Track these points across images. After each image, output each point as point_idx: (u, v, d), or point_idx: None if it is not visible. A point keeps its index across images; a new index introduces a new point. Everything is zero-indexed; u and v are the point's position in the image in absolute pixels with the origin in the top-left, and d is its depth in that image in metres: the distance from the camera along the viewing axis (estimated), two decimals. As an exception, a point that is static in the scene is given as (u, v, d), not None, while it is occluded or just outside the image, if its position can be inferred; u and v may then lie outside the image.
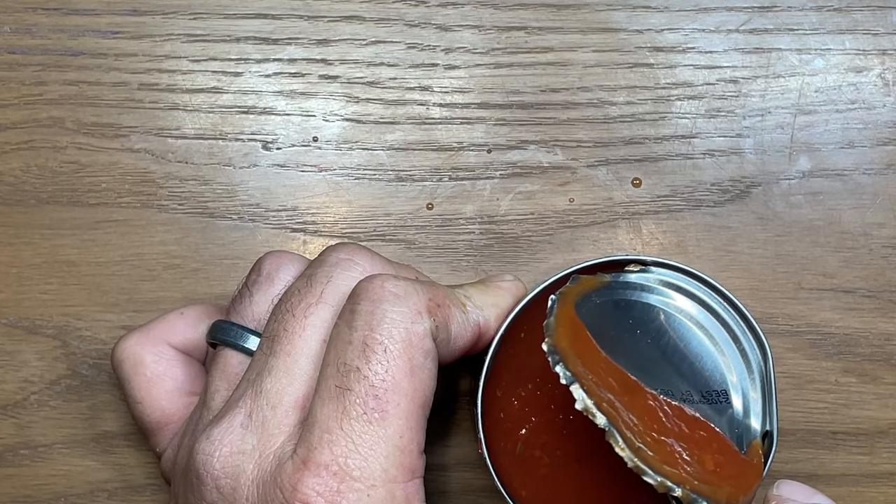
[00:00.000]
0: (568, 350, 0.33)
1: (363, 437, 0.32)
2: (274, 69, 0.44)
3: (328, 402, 0.32)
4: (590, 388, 0.32)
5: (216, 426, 0.34)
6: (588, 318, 0.34)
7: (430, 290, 0.34)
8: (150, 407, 0.38)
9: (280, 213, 0.44)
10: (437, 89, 0.44)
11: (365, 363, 0.32)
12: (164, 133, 0.44)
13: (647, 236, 0.44)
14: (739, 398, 0.35)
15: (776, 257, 0.43)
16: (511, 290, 0.38)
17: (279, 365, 0.34)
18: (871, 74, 0.44)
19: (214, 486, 0.33)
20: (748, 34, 0.45)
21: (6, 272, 0.43)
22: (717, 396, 0.35)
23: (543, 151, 0.44)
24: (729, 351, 0.35)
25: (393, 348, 0.33)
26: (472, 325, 0.36)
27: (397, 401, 0.32)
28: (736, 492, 0.33)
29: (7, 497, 0.42)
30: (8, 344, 0.43)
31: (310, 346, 0.34)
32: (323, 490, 0.31)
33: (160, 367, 0.38)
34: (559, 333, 0.33)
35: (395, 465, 0.32)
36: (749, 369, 0.35)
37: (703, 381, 0.35)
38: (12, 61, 0.44)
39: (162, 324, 0.39)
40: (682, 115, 0.44)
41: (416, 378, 0.33)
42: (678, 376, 0.35)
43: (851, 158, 0.44)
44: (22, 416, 0.43)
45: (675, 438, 0.33)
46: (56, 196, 0.44)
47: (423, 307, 0.33)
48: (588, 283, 0.35)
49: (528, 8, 0.45)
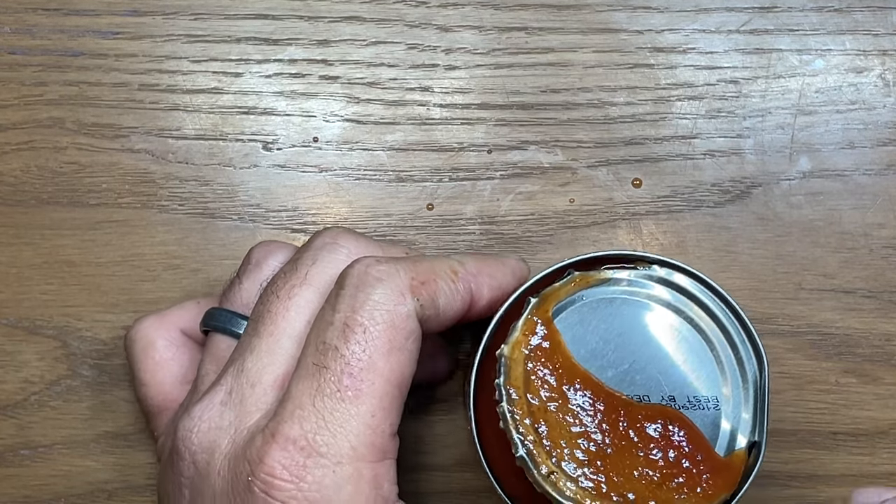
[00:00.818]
0: (518, 360, 0.33)
1: (334, 415, 0.32)
2: (274, 70, 0.44)
3: (304, 378, 0.33)
4: (522, 409, 0.33)
5: (198, 403, 0.34)
6: (573, 317, 0.34)
7: (413, 268, 0.34)
8: (155, 390, 0.38)
9: (280, 214, 0.44)
10: (437, 90, 0.44)
11: (343, 343, 0.32)
12: (164, 133, 0.44)
13: (647, 237, 0.44)
14: (730, 407, 0.34)
15: (776, 258, 0.43)
16: (511, 266, 0.38)
17: (261, 345, 0.34)
18: (871, 75, 0.44)
19: (191, 460, 0.33)
20: (748, 35, 0.45)
21: (6, 272, 0.43)
22: (706, 403, 0.34)
23: (544, 152, 0.44)
24: (725, 358, 0.35)
25: (373, 329, 0.33)
26: (463, 294, 0.35)
27: (372, 380, 0.32)
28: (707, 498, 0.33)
29: (7, 497, 0.42)
30: (8, 344, 0.43)
31: (293, 326, 0.34)
32: (289, 464, 0.32)
33: (169, 352, 0.39)
34: (517, 341, 0.34)
35: (364, 443, 0.32)
36: (744, 379, 0.34)
37: (694, 385, 0.34)
38: (12, 61, 0.44)
39: (178, 311, 0.40)
40: (682, 115, 0.44)
41: (394, 359, 0.33)
42: (666, 380, 0.34)
43: (852, 159, 0.44)
44: (22, 417, 0.43)
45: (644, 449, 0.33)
46: (56, 196, 0.44)
47: (406, 288, 0.34)
48: (582, 280, 0.35)
49: (528, 8, 0.45)
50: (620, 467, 0.33)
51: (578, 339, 0.34)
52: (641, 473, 0.33)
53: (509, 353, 0.33)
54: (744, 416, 0.34)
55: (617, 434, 0.33)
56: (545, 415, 0.33)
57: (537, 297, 0.34)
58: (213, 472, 0.33)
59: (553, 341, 0.34)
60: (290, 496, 0.31)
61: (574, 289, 0.35)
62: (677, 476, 0.33)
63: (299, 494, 0.31)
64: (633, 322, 0.35)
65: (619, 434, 0.33)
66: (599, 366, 0.34)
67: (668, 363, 0.34)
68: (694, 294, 0.35)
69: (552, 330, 0.34)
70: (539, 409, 0.33)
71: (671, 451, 0.33)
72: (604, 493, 0.32)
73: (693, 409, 0.34)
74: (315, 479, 0.32)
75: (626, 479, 0.33)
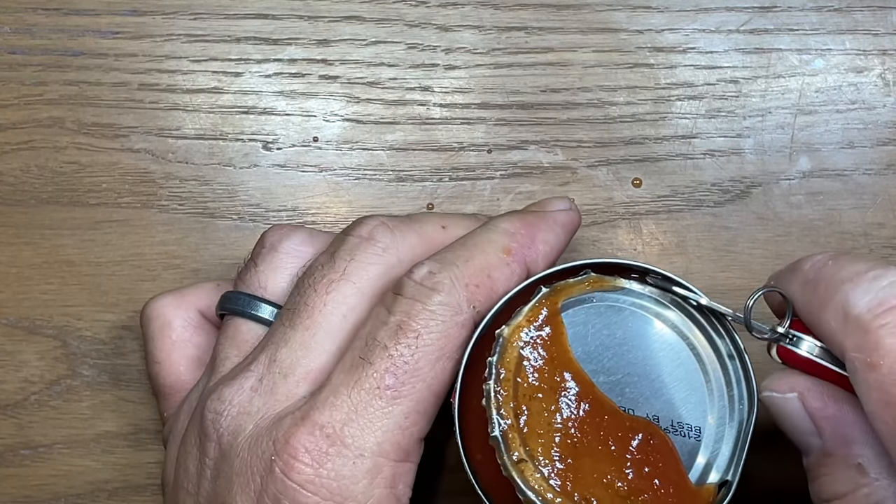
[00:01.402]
0: (516, 343, 0.33)
1: (367, 409, 0.32)
2: (274, 69, 0.44)
3: (346, 369, 0.33)
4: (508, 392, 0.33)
5: (227, 387, 0.34)
6: (579, 316, 0.34)
7: (467, 270, 0.34)
8: (168, 370, 0.39)
9: (280, 214, 0.44)
10: (437, 89, 0.44)
11: (394, 343, 0.33)
12: (164, 133, 0.44)
13: (647, 236, 0.44)
14: (711, 440, 0.34)
15: (776, 257, 0.43)
16: (561, 223, 0.37)
17: (297, 337, 0.34)
18: (871, 75, 0.44)
19: (218, 442, 0.34)
20: (748, 34, 0.45)
21: (6, 272, 0.43)
22: (688, 430, 0.34)
23: (544, 151, 0.44)
24: (717, 392, 0.35)
25: (427, 337, 0.33)
26: (520, 273, 0.35)
27: (413, 384, 0.33)
28: None
29: (7, 497, 0.42)
30: (8, 344, 0.43)
31: (329, 321, 0.35)
32: (312, 448, 0.32)
33: (186, 333, 0.39)
34: (519, 324, 0.33)
35: (389, 441, 0.33)
36: (731, 417, 0.34)
37: (681, 410, 0.34)
38: (12, 61, 0.44)
39: (197, 291, 0.39)
40: (682, 115, 0.44)
41: (440, 367, 0.33)
42: (655, 399, 0.34)
43: (851, 158, 0.44)
44: (22, 416, 0.43)
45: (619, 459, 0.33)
46: (56, 196, 0.44)
47: (462, 298, 0.34)
48: (596, 282, 0.35)
49: (528, 8, 0.45)
50: (591, 471, 0.33)
51: (580, 337, 0.34)
52: (610, 482, 0.33)
53: (508, 335, 0.33)
54: (723, 451, 0.34)
55: (596, 438, 0.33)
56: (529, 402, 0.33)
57: (549, 288, 0.34)
58: (233, 455, 0.33)
59: (555, 332, 0.34)
60: (307, 480, 0.32)
61: (587, 289, 0.35)
62: (645, 493, 0.33)
63: (317, 480, 0.32)
64: (636, 335, 0.35)
65: (598, 438, 0.33)
66: (593, 369, 0.34)
67: (660, 383, 0.34)
68: (702, 323, 0.35)
69: (557, 322, 0.34)
70: (524, 396, 0.33)
71: (645, 467, 0.33)
72: (568, 491, 0.32)
73: (674, 433, 0.34)
74: (334, 466, 0.32)
75: (594, 484, 0.33)
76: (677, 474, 0.33)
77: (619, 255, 0.43)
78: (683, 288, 0.35)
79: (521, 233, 0.36)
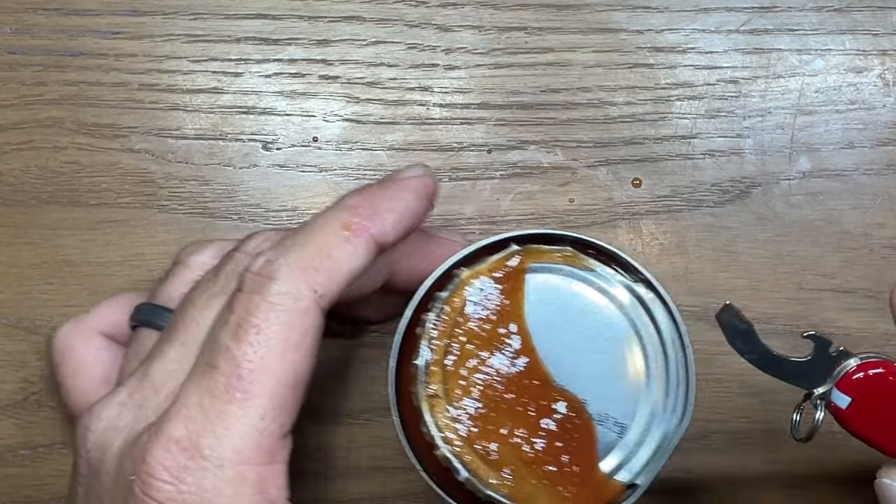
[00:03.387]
0: (470, 286, 0.33)
1: (221, 416, 0.31)
2: (274, 69, 0.44)
3: (195, 378, 0.32)
4: (445, 327, 0.33)
5: (98, 402, 0.34)
6: (543, 283, 0.34)
7: (304, 254, 0.33)
8: (75, 393, 0.38)
9: (280, 214, 0.44)
10: (437, 90, 0.44)
11: (236, 343, 0.31)
12: (164, 133, 0.44)
13: (647, 236, 0.44)
14: (631, 442, 0.34)
15: (776, 257, 0.43)
16: (409, 187, 0.35)
17: (170, 351, 0.33)
18: (871, 75, 0.44)
19: (86, 458, 0.33)
20: (748, 34, 0.45)
21: (6, 272, 0.43)
22: (612, 424, 0.34)
23: (543, 152, 0.44)
24: (654, 397, 0.34)
25: (269, 331, 0.32)
26: (365, 247, 0.33)
27: (263, 381, 0.31)
28: (561, 500, 0.33)
29: (7, 497, 0.42)
30: (8, 344, 0.43)
31: (206, 334, 0.33)
32: (170, 464, 0.31)
33: (88, 355, 0.38)
34: (479, 270, 0.34)
35: (249, 446, 0.31)
36: (658, 424, 0.34)
37: (611, 403, 0.34)
38: (12, 61, 0.44)
39: (96, 312, 0.39)
40: (682, 115, 0.44)
41: (289, 359, 0.32)
42: (590, 383, 0.34)
43: (851, 159, 0.44)
44: (22, 416, 0.43)
45: (535, 425, 0.33)
46: (56, 196, 0.44)
47: (301, 281, 0.32)
48: (570, 258, 0.35)
49: (528, 8, 0.45)
50: (502, 426, 0.33)
51: (537, 302, 0.34)
52: (518, 445, 0.33)
53: (465, 277, 0.33)
54: (640, 455, 0.34)
55: (519, 398, 0.33)
56: (463, 345, 0.33)
57: (522, 248, 0.34)
58: (102, 472, 0.32)
59: (513, 288, 0.34)
60: (168, 497, 0.31)
61: (559, 260, 0.35)
62: (550, 465, 0.33)
63: (178, 497, 0.31)
64: (592, 318, 0.35)
65: (520, 399, 0.33)
66: (540, 335, 0.34)
67: (601, 370, 0.34)
68: (660, 328, 0.35)
69: (519, 279, 0.34)
70: (460, 337, 0.33)
71: (559, 441, 0.33)
72: (471, 438, 0.32)
73: (599, 422, 0.34)
74: (195, 480, 0.31)
75: (500, 441, 0.33)
76: (589, 459, 0.33)
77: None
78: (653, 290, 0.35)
79: (363, 205, 0.34)
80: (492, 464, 0.33)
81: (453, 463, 0.32)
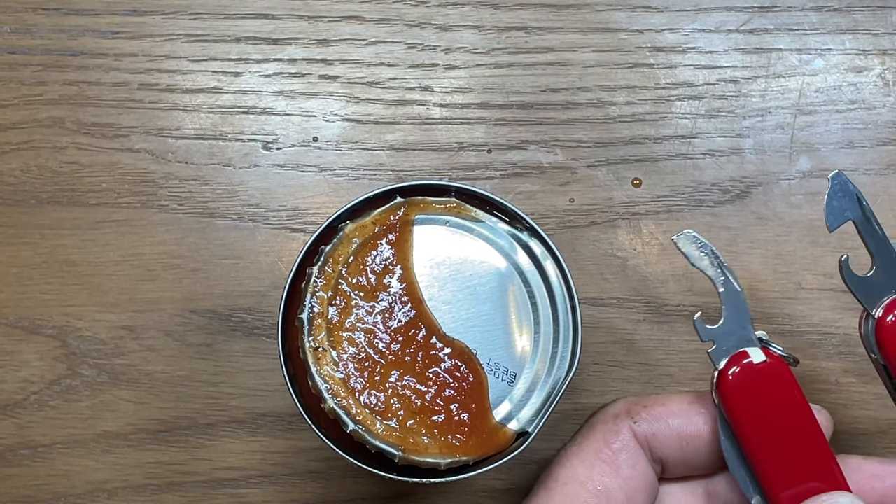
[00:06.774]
0: (353, 240, 0.33)
1: None
2: (274, 69, 0.44)
3: None
4: (329, 280, 0.33)
5: None
6: (430, 234, 0.34)
7: None
8: None
9: (280, 213, 0.44)
10: (437, 89, 0.44)
11: None
12: (164, 133, 0.44)
13: (646, 236, 0.44)
14: (522, 391, 0.34)
15: (776, 257, 0.43)
16: None
17: None
18: (871, 74, 0.44)
19: None
20: (748, 34, 0.45)
21: (6, 272, 0.43)
22: (503, 373, 0.34)
23: (543, 151, 0.44)
24: (543, 346, 0.34)
25: None
26: None
27: None
28: (451, 449, 0.33)
29: (7, 497, 0.42)
30: (8, 344, 0.43)
31: None
32: None
33: None
34: (364, 224, 0.34)
35: None
36: (548, 374, 0.34)
37: (501, 352, 0.34)
38: (12, 61, 0.44)
39: None
40: (682, 115, 0.44)
41: None
42: (480, 333, 0.34)
43: (851, 158, 0.44)
44: (22, 416, 0.43)
45: (422, 374, 0.33)
46: (56, 196, 0.44)
47: None
48: (456, 208, 0.35)
49: (528, 8, 0.45)
50: (388, 377, 0.33)
51: (424, 253, 0.34)
52: (405, 395, 0.33)
53: (349, 231, 0.33)
54: (531, 403, 0.34)
55: (405, 349, 0.33)
56: (347, 297, 0.33)
57: (406, 200, 0.34)
58: None
59: (400, 240, 0.34)
60: None
61: (443, 211, 0.35)
62: (438, 414, 0.33)
63: None
64: (480, 268, 0.34)
65: (406, 350, 0.33)
66: (428, 286, 0.34)
67: (491, 320, 0.34)
68: (548, 276, 0.35)
69: (406, 231, 0.34)
70: (344, 290, 0.33)
71: (448, 390, 0.33)
72: (357, 390, 0.32)
73: (490, 371, 0.34)
74: None
75: (386, 392, 0.33)
76: (480, 408, 0.33)
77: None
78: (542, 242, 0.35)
79: None
80: (379, 415, 0.32)
81: (340, 415, 0.32)
